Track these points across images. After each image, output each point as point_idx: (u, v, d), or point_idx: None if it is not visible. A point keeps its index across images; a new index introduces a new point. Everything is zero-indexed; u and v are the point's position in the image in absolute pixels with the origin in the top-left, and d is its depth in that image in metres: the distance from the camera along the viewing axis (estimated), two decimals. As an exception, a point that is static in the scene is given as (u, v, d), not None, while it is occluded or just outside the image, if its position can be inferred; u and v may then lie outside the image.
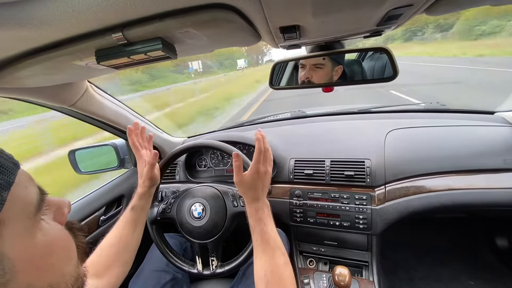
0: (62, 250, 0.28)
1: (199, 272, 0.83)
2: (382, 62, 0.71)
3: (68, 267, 0.28)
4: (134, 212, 0.73)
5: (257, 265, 0.59)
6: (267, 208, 0.66)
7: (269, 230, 0.62)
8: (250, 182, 0.66)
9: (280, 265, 0.57)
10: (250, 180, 0.66)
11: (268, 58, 58.22)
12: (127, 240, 0.69)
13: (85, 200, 1.05)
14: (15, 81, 0.56)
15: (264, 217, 0.64)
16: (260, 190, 0.66)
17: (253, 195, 0.66)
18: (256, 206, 0.65)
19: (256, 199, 0.66)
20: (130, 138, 0.78)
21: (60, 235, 0.29)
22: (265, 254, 0.59)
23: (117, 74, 11.51)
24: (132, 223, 0.71)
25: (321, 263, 1.10)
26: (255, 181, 0.65)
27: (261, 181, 0.66)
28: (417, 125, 1.10)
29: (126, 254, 0.68)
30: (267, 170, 0.67)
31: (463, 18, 19.38)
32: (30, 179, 0.26)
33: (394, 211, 0.95)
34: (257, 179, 0.65)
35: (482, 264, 1.38)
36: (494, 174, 0.92)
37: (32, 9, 0.31)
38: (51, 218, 0.28)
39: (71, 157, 1.16)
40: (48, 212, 0.28)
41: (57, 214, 0.30)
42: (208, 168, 1.31)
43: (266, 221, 0.63)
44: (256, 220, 0.63)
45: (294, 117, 1.43)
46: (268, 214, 0.65)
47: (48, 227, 0.27)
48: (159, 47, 0.43)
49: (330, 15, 0.45)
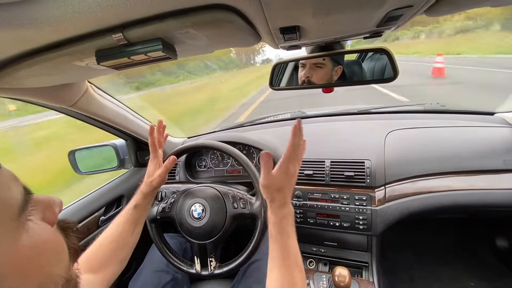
0: (51, 252, 0.26)
1: (197, 273, 0.83)
2: (382, 63, 0.71)
3: (58, 268, 0.27)
4: (137, 211, 0.72)
5: (272, 277, 0.54)
6: (291, 217, 0.59)
7: (292, 244, 0.56)
8: (278, 182, 0.57)
9: (298, 284, 0.53)
10: (279, 180, 0.57)
11: (262, 58, 53.64)
12: (126, 238, 0.68)
13: (85, 200, 1.05)
14: (15, 81, 0.56)
15: (288, 228, 0.57)
16: (288, 192, 0.59)
17: (281, 199, 0.58)
18: (282, 214, 0.57)
19: (283, 205, 0.58)
20: (151, 137, 0.75)
21: (49, 236, 0.27)
22: (284, 268, 0.54)
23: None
24: (133, 221, 0.70)
25: (321, 263, 1.10)
26: (284, 181, 0.58)
27: (289, 181, 0.59)
28: (417, 125, 1.10)
29: (124, 252, 0.67)
30: (296, 170, 0.60)
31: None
32: (13, 179, 0.25)
33: (394, 212, 0.95)
34: (286, 179, 0.58)
35: (482, 264, 1.38)
36: (494, 175, 0.92)
37: (32, 10, 0.31)
38: (39, 218, 0.27)
39: (71, 157, 1.16)
40: (35, 212, 0.27)
41: (47, 214, 0.28)
42: (208, 169, 1.31)
43: (290, 233, 0.57)
44: (279, 232, 0.56)
45: (294, 118, 1.43)
46: (292, 224, 0.58)
47: (36, 228, 0.25)
48: (159, 47, 0.43)
49: (330, 16, 0.45)
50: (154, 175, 0.75)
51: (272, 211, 0.59)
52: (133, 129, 1.10)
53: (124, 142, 1.22)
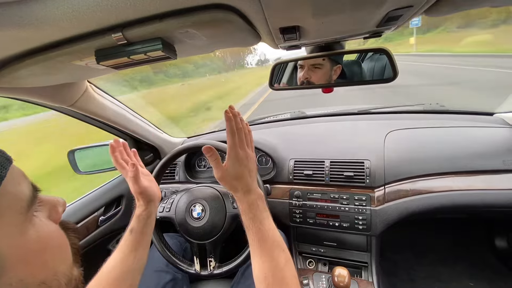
0: (55, 248, 0.28)
1: (196, 272, 0.83)
2: (382, 63, 0.71)
3: (61, 266, 0.28)
4: (133, 235, 0.66)
5: (255, 267, 0.54)
6: (261, 201, 0.58)
7: (266, 227, 0.55)
8: (233, 171, 0.56)
9: (281, 265, 0.52)
10: (232, 169, 0.56)
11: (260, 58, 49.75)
12: (129, 265, 0.63)
13: (84, 200, 1.05)
14: (14, 81, 0.55)
15: (258, 213, 0.56)
16: (248, 178, 0.57)
17: (242, 185, 0.57)
18: (248, 200, 0.56)
19: (247, 191, 0.57)
20: (113, 156, 0.69)
21: (54, 233, 0.28)
22: (264, 255, 0.53)
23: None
24: (132, 246, 0.65)
25: (321, 263, 1.10)
26: (238, 168, 0.56)
27: (244, 167, 0.57)
28: (417, 126, 1.10)
29: (127, 281, 0.61)
30: (247, 154, 0.58)
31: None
32: (22, 175, 0.26)
33: (394, 212, 0.95)
34: (240, 165, 0.56)
35: (482, 264, 1.38)
36: (494, 175, 0.92)
37: (32, 9, 0.31)
38: (45, 216, 0.28)
39: (70, 157, 1.16)
40: (42, 210, 0.28)
41: (51, 213, 0.29)
42: (208, 169, 1.31)
43: (262, 217, 0.56)
44: (250, 218, 0.56)
45: (294, 118, 1.43)
46: (263, 208, 0.57)
47: (42, 224, 0.27)
48: (159, 47, 0.43)
49: (330, 16, 0.45)
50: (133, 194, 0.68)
51: (238, 200, 0.58)
52: (132, 129, 1.10)
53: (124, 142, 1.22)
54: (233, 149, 0.56)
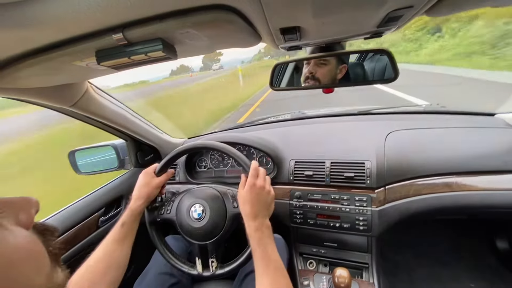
0: (27, 261, 0.23)
1: (198, 274, 0.83)
2: (383, 63, 0.71)
3: (37, 278, 0.23)
4: (124, 229, 0.70)
5: (258, 286, 0.59)
6: (267, 230, 0.64)
7: (269, 252, 0.61)
8: (245, 195, 0.66)
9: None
10: (245, 193, 0.66)
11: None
12: (116, 257, 0.66)
13: (85, 201, 1.05)
14: (15, 81, 0.56)
15: (263, 238, 0.62)
16: (257, 207, 0.65)
17: (250, 211, 0.64)
18: (254, 225, 0.63)
19: (254, 217, 0.64)
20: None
21: (22, 242, 0.23)
22: (266, 277, 0.59)
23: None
24: (121, 240, 0.69)
25: (321, 264, 1.10)
26: (251, 196, 0.65)
27: (257, 197, 0.66)
28: (418, 126, 1.10)
29: (114, 272, 0.65)
30: (263, 186, 0.67)
31: None
32: None
33: (395, 213, 0.94)
34: (252, 194, 0.65)
35: (482, 265, 1.38)
36: (495, 175, 0.92)
37: (33, 10, 0.31)
38: (12, 223, 0.23)
39: (71, 157, 1.16)
40: (6, 216, 0.23)
41: (20, 216, 0.25)
42: (208, 169, 1.31)
43: (266, 243, 0.62)
44: (256, 242, 0.62)
45: (294, 118, 1.43)
46: (268, 235, 0.63)
47: (5, 235, 0.22)
48: (160, 47, 0.43)
49: (331, 16, 0.45)
50: (143, 197, 0.79)
51: (245, 222, 0.65)
52: (133, 130, 1.10)
53: (124, 142, 1.22)
54: (250, 178, 0.67)
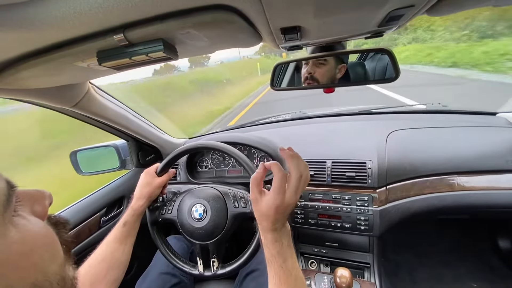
0: (44, 248, 0.25)
1: (200, 273, 0.83)
2: (383, 63, 0.71)
3: (52, 265, 0.25)
4: (126, 229, 0.71)
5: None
6: (286, 238, 0.52)
7: (289, 266, 0.50)
8: (266, 212, 0.51)
9: None
10: (266, 210, 0.51)
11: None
12: (117, 257, 0.67)
13: (86, 201, 1.05)
14: (16, 82, 0.56)
15: (283, 251, 0.51)
16: (280, 223, 0.52)
17: (269, 226, 0.52)
18: (273, 237, 0.51)
19: (273, 230, 0.52)
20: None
21: (40, 231, 0.25)
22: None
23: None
24: (122, 239, 0.69)
25: (323, 264, 1.10)
26: (273, 214, 0.50)
27: (282, 215, 0.51)
28: (419, 126, 1.09)
29: (115, 272, 0.65)
30: (295, 201, 0.51)
31: None
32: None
33: (396, 213, 0.94)
34: (276, 213, 0.50)
35: (484, 265, 1.37)
36: (496, 175, 0.91)
37: (34, 11, 0.31)
38: (29, 212, 0.26)
39: (73, 158, 1.16)
40: (23, 206, 0.25)
41: (36, 207, 0.27)
42: (209, 169, 1.31)
43: (286, 255, 0.51)
44: (272, 255, 0.51)
45: (295, 118, 1.43)
46: (288, 245, 0.52)
47: (25, 223, 0.24)
48: (160, 48, 0.43)
49: (331, 16, 0.45)
50: (145, 196, 0.79)
51: (262, 230, 0.54)
52: (134, 130, 1.10)
53: (126, 142, 1.22)
54: (277, 194, 0.50)
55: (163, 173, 0.87)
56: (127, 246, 0.70)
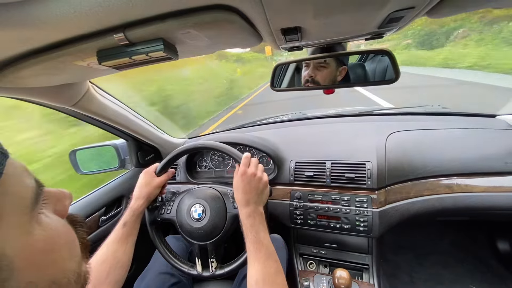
0: (64, 246, 0.26)
1: (198, 274, 0.82)
2: (383, 64, 0.71)
3: (71, 263, 0.26)
4: (126, 229, 0.71)
5: (250, 272, 0.60)
6: (259, 216, 0.66)
7: (261, 237, 0.62)
8: (237, 183, 0.69)
9: (271, 273, 0.58)
10: (236, 181, 0.69)
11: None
12: (118, 257, 0.67)
13: (86, 200, 1.05)
14: (17, 81, 0.56)
15: (255, 224, 0.64)
16: (249, 194, 0.67)
17: (242, 198, 0.67)
18: (246, 212, 0.65)
19: (246, 204, 0.66)
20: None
21: (62, 229, 0.26)
22: (257, 262, 0.59)
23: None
24: (123, 240, 0.70)
25: (321, 265, 1.09)
26: (242, 183, 0.67)
27: (249, 184, 0.67)
28: (419, 127, 1.10)
29: (118, 272, 0.65)
30: (254, 173, 0.69)
31: None
32: (24, 170, 0.24)
33: (395, 214, 0.94)
34: (244, 181, 0.67)
35: (483, 267, 1.37)
36: (496, 177, 0.91)
37: (34, 10, 0.31)
38: (51, 211, 0.26)
39: (72, 157, 1.16)
40: (47, 205, 0.26)
41: (58, 207, 0.28)
42: (209, 169, 1.31)
43: (258, 228, 0.63)
44: (247, 227, 0.64)
45: (295, 119, 1.43)
46: (260, 222, 0.65)
47: (49, 221, 0.25)
48: (161, 47, 0.43)
49: (332, 17, 0.45)
50: (144, 196, 0.80)
51: (239, 209, 0.68)
52: (134, 129, 1.10)
53: (125, 142, 1.22)
54: (242, 166, 0.70)
55: (162, 173, 0.87)
56: (128, 246, 0.70)
